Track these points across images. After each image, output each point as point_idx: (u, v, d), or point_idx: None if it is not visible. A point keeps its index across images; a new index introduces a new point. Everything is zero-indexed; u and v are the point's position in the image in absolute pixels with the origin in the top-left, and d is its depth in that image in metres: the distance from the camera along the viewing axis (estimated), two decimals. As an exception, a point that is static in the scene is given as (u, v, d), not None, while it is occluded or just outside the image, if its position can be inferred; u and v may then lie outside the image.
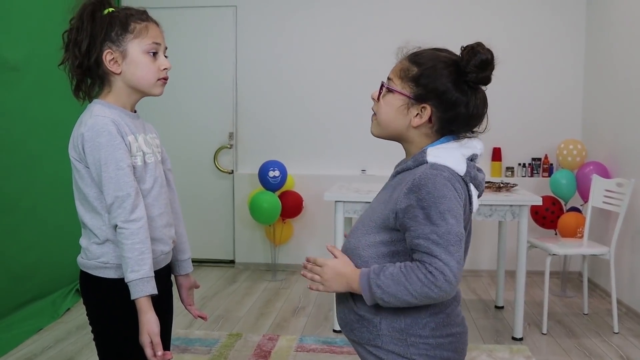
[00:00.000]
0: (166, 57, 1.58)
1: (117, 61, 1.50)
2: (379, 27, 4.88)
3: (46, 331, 3.46)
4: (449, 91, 1.29)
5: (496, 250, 4.21)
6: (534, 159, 4.85)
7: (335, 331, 3.52)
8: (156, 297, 1.47)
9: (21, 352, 3.15)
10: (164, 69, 1.55)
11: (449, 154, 1.30)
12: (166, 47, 1.58)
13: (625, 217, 3.54)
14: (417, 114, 1.33)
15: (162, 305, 1.59)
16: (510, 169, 4.85)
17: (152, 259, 1.48)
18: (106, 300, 1.52)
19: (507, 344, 3.32)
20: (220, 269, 5.08)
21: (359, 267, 1.34)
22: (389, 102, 1.36)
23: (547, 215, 4.37)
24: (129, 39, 1.50)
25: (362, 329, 1.35)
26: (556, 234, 4.39)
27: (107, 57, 1.50)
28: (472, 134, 1.36)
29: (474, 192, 1.34)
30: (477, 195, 1.36)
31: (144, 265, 1.44)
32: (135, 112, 1.60)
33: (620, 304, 3.84)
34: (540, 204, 3.36)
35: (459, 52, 1.32)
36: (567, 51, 4.80)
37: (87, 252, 1.53)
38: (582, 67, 4.80)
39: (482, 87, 1.33)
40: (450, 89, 1.29)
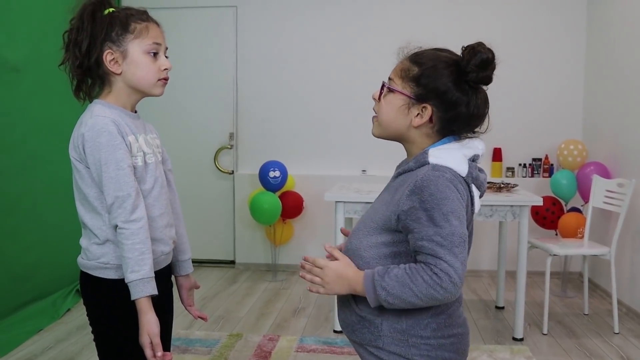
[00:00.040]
0: (167, 57, 1.57)
1: (117, 61, 1.50)
2: (379, 28, 4.88)
3: (46, 332, 3.46)
4: (450, 91, 1.29)
5: (497, 250, 4.21)
6: (534, 159, 4.85)
7: (335, 332, 3.51)
8: (156, 297, 1.47)
9: (21, 353, 3.15)
10: (165, 69, 1.55)
11: (451, 155, 1.30)
12: (167, 47, 1.58)
13: (625, 217, 3.54)
14: (417, 114, 1.33)
15: (162, 305, 1.59)
16: (510, 170, 4.85)
17: (153, 259, 1.48)
18: (106, 300, 1.52)
19: (507, 345, 3.32)
20: (220, 269, 5.08)
21: (360, 268, 1.33)
22: (389, 102, 1.36)
23: (548, 215, 4.37)
24: (129, 39, 1.50)
25: (363, 329, 1.34)
26: (557, 235, 4.38)
27: (108, 57, 1.49)
28: (474, 134, 1.35)
29: (475, 192, 1.33)
30: (479, 195, 1.35)
31: (144, 265, 1.44)
32: (135, 112, 1.60)
33: (620, 304, 3.84)
34: (540, 204, 3.36)
35: (460, 52, 1.31)
36: (567, 51, 4.80)
37: (87, 253, 1.53)
38: (582, 67, 4.80)
39: (484, 87, 1.32)
40: (450, 88, 1.29)
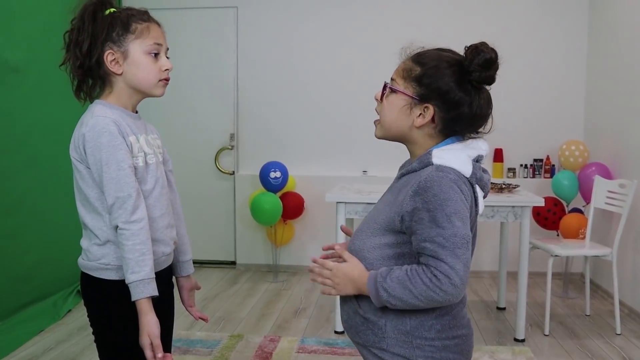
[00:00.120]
0: (168, 57, 1.57)
1: (118, 62, 1.50)
2: (380, 28, 4.88)
3: (47, 332, 3.46)
4: (452, 91, 1.28)
5: (498, 251, 4.20)
6: (535, 160, 4.84)
7: (336, 332, 3.51)
8: (157, 298, 1.46)
9: (22, 354, 3.15)
10: (165, 70, 1.55)
11: (455, 156, 1.29)
12: (168, 47, 1.58)
13: (627, 218, 3.53)
14: (420, 114, 1.32)
15: (163, 306, 1.58)
16: (512, 170, 4.84)
17: (153, 260, 1.48)
18: (107, 301, 1.52)
19: (509, 345, 3.32)
20: (221, 270, 5.08)
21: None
22: (391, 103, 1.35)
23: (549, 216, 4.36)
24: (130, 39, 1.49)
25: (367, 331, 1.34)
26: (558, 235, 4.38)
27: (109, 57, 1.49)
28: (477, 134, 1.35)
29: (479, 193, 1.33)
30: (483, 196, 1.35)
31: (144, 266, 1.43)
32: (136, 112, 1.60)
33: (622, 305, 3.83)
34: (542, 205, 3.35)
35: (462, 52, 1.31)
36: (569, 52, 4.79)
37: (87, 254, 1.53)
38: (584, 68, 4.79)
39: (487, 86, 1.32)
40: (453, 88, 1.28)
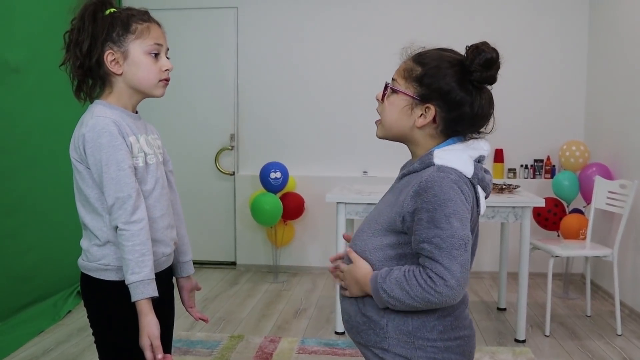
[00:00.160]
0: (168, 58, 1.56)
1: (118, 62, 1.49)
2: (380, 29, 4.88)
3: (47, 333, 3.45)
4: (453, 91, 1.28)
5: (498, 251, 4.20)
6: (536, 161, 4.84)
7: (337, 333, 3.50)
8: (157, 299, 1.46)
9: (22, 355, 3.14)
10: (166, 70, 1.54)
11: (456, 156, 1.29)
12: (168, 48, 1.57)
13: (628, 218, 3.53)
14: (421, 114, 1.32)
15: (163, 307, 1.58)
16: (512, 171, 4.84)
17: (153, 260, 1.47)
18: (107, 302, 1.51)
19: (509, 346, 3.31)
20: (221, 270, 5.07)
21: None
22: (393, 103, 1.35)
23: (550, 216, 4.36)
24: (130, 39, 1.49)
25: (369, 331, 1.33)
26: (558, 236, 4.37)
27: (109, 57, 1.49)
28: (479, 134, 1.34)
29: (481, 194, 1.33)
30: (485, 197, 1.34)
31: (144, 267, 1.43)
32: (136, 112, 1.59)
33: (623, 305, 3.82)
34: (543, 205, 3.35)
35: (464, 53, 1.30)
36: (569, 52, 4.79)
37: (87, 254, 1.52)
38: (584, 68, 4.79)
39: (488, 86, 1.31)
40: (454, 88, 1.28)
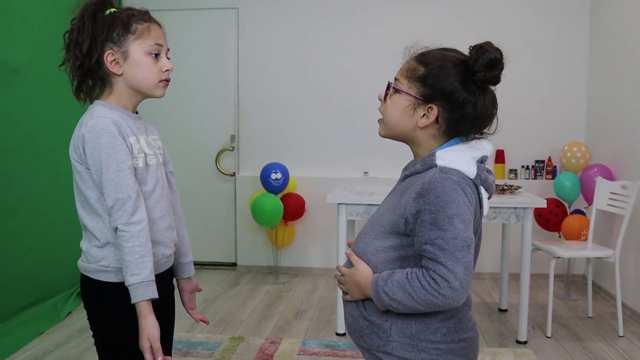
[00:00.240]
0: (168, 58, 1.56)
1: (118, 62, 1.49)
2: (381, 30, 4.87)
3: (47, 335, 3.44)
4: (456, 91, 1.27)
5: (499, 252, 4.19)
6: (537, 161, 4.83)
7: (338, 334, 3.49)
8: (157, 301, 1.45)
9: (22, 356, 3.13)
10: (166, 71, 1.53)
11: (459, 157, 1.28)
12: (168, 48, 1.57)
13: (630, 219, 3.52)
14: (423, 115, 1.30)
15: (163, 309, 1.57)
16: (513, 171, 4.82)
17: (154, 262, 1.46)
18: (107, 304, 1.50)
19: (511, 347, 3.30)
20: (222, 271, 5.06)
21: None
22: (395, 103, 1.34)
23: (551, 217, 4.35)
24: (130, 39, 1.48)
25: (371, 334, 1.32)
26: (560, 237, 4.36)
27: (109, 57, 1.48)
28: (481, 135, 1.33)
29: (484, 194, 1.32)
30: (487, 197, 1.33)
31: (144, 268, 1.42)
32: (136, 113, 1.58)
33: (625, 307, 3.81)
34: (544, 206, 3.34)
35: (467, 53, 1.29)
36: (571, 53, 4.78)
37: (87, 256, 1.52)
38: (586, 69, 4.78)
39: (492, 87, 1.30)
40: (457, 88, 1.27)
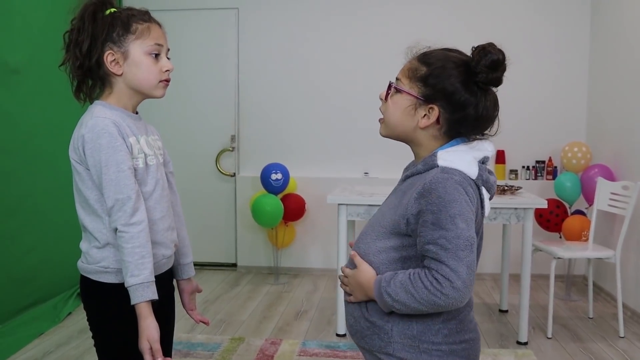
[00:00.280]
0: (168, 58, 1.55)
1: (118, 62, 1.48)
2: (381, 30, 4.86)
3: (47, 335, 3.44)
4: (458, 92, 1.26)
5: (500, 253, 4.18)
6: (537, 162, 4.82)
7: (338, 335, 3.48)
8: (157, 302, 1.45)
9: (22, 357, 3.13)
10: (166, 71, 1.53)
11: (460, 158, 1.27)
12: (168, 48, 1.56)
13: (631, 220, 3.51)
14: (424, 115, 1.30)
15: (163, 310, 1.56)
16: (514, 172, 4.82)
17: (154, 263, 1.46)
18: (106, 305, 1.50)
19: (511, 349, 3.29)
20: (222, 272, 5.06)
21: None
22: (396, 103, 1.33)
23: (552, 218, 4.34)
24: (130, 39, 1.48)
25: (373, 336, 1.32)
26: (560, 237, 4.35)
27: (109, 58, 1.47)
28: (482, 136, 1.32)
29: (485, 195, 1.31)
30: (489, 198, 1.33)
31: (144, 269, 1.41)
32: (137, 113, 1.58)
33: (625, 308, 3.80)
34: (545, 207, 3.33)
35: (469, 53, 1.29)
36: (571, 53, 4.78)
37: (87, 257, 1.51)
38: (586, 69, 4.77)
39: (493, 88, 1.30)
40: (459, 89, 1.26)
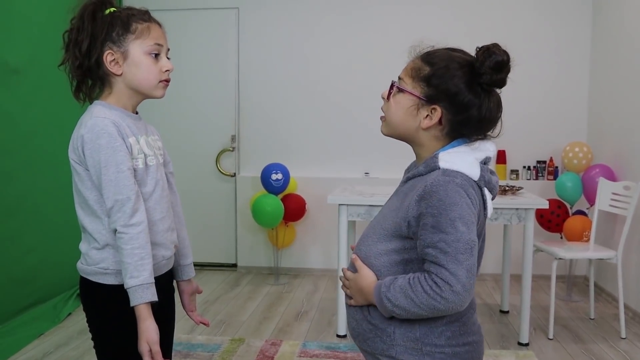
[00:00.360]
0: (168, 58, 1.54)
1: (118, 62, 1.47)
2: (382, 30, 4.86)
3: (47, 336, 3.43)
4: (461, 93, 1.25)
5: (501, 253, 4.17)
6: (538, 162, 4.81)
7: (339, 336, 3.47)
8: (157, 303, 1.44)
9: (22, 358, 3.12)
10: (166, 71, 1.52)
11: (462, 159, 1.26)
12: (168, 48, 1.55)
13: (632, 220, 3.50)
14: (427, 116, 1.29)
15: (163, 311, 1.55)
16: (514, 172, 4.81)
17: (153, 264, 1.45)
18: (106, 306, 1.49)
19: (512, 349, 3.28)
20: (222, 272, 5.05)
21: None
22: (398, 102, 1.32)
23: (553, 218, 4.33)
24: (130, 39, 1.47)
25: (375, 339, 1.31)
26: (562, 238, 4.34)
27: (108, 57, 1.46)
28: (484, 137, 1.31)
29: (488, 196, 1.30)
30: (491, 198, 1.32)
31: (143, 271, 1.40)
32: (137, 113, 1.57)
33: (627, 308, 3.80)
34: (546, 207, 3.32)
35: (473, 53, 1.27)
36: (572, 53, 4.77)
37: (86, 258, 1.50)
38: (587, 69, 4.76)
39: (497, 90, 1.28)
40: (462, 90, 1.25)
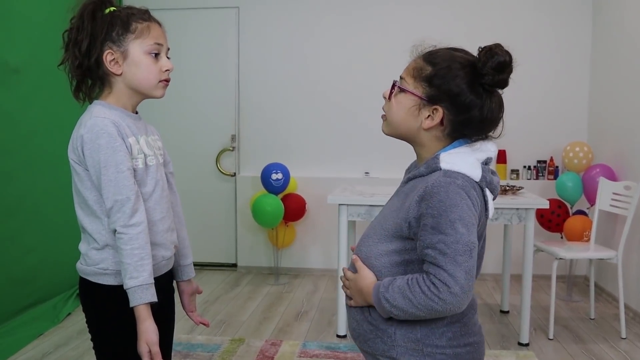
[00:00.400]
0: (168, 58, 1.53)
1: (117, 62, 1.47)
2: (383, 30, 4.85)
3: (46, 336, 3.42)
4: (463, 93, 1.24)
5: (501, 253, 4.16)
6: (539, 162, 4.81)
7: (339, 336, 3.47)
8: (157, 304, 1.43)
9: (21, 358, 3.11)
10: (166, 71, 1.51)
11: (463, 160, 1.26)
12: (168, 48, 1.54)
13: (633, 220, 3.49)
14: (428, 116, 1.28)
15: (163, 312, 1.54)
16: (515, 172, 4.81)
17: (153, 264, 1.44)
18: (105, 307, 1.48)
19: (513, 350, 3.28)
20: (222, 272, 5.04)
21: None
22: (400, 102, 1.32)
23: (553, 218, 4.33)
24: (130, 39, 1.46)
25: (376, 339, 1.30)
26: (562, 238, 4.34)
27: (108, 57, 1.46)
28: (486, 137, 1.31)
29: (489, 196, 1.30)
30: (492, 198, 1.32)
31: (143, 271, 1.40)
32: (136, 113, 1.56)
33: (627, 308, 3.79)
34: (546, 207, 3.31)
35: (475, 53, 1.27)
36: (573, 53, 4.76)
37: (86, 258, 1.50)
38: (588, 69, 4.76)
39: (499, 90, 1.28)
40: (464, 91, 1.24)
